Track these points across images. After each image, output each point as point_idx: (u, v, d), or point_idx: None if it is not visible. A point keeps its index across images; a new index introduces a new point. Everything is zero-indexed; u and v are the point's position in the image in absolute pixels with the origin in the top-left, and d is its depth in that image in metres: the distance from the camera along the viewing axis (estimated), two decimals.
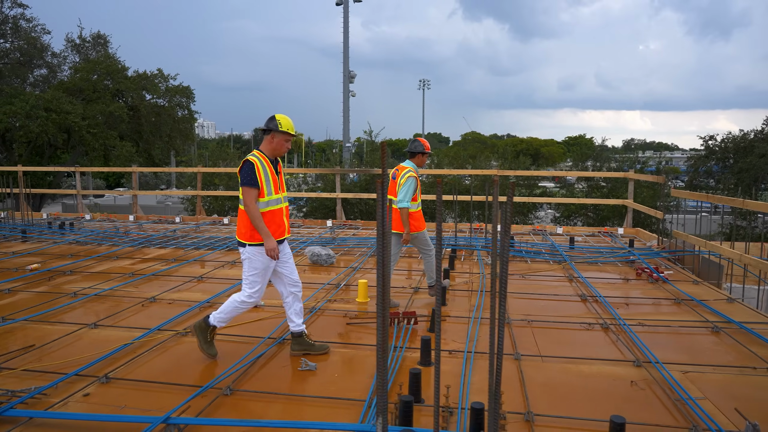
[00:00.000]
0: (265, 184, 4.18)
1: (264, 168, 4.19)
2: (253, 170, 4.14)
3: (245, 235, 4.24)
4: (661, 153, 79.46)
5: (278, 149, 4.32)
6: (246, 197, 4.15)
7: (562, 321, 5.39)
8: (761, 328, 5.13)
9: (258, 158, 4.21)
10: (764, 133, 23.61)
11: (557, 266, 7.88)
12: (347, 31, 39.14)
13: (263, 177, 4.17)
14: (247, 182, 4.14)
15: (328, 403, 3.65)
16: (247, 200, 4.14)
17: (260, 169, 4.17)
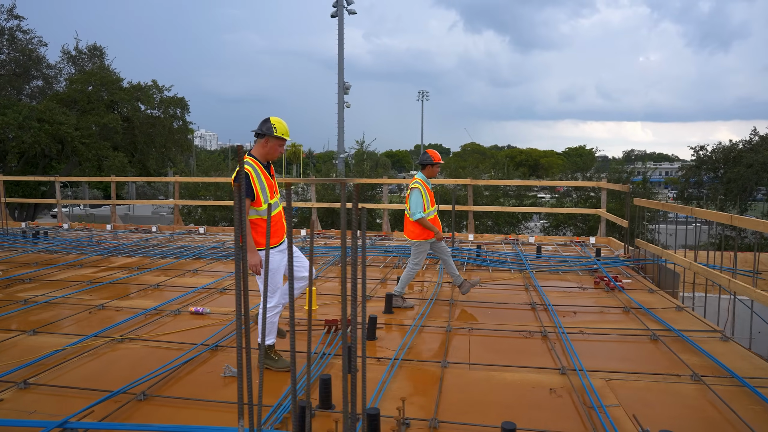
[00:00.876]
0: (261, 192, 4.12)
1: (258, 175, 4.13)
2: (248, 180, 4.08)
3: (251, 240, 4.23)
4: (661, 163, 79.34)
5: (271, 154, 4.26)
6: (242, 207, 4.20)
7: (504, 329, 5.38)
8: (698, 336, 5.10)
9: (252, 166, 4.14)
10: (752, 144, 23.62)
11: (518, 275, 7.87)
12: (342, 43, 39.42)
13: (258, 185, 4.11)
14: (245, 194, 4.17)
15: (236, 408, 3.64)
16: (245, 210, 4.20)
17: (255, 177, 4.10)
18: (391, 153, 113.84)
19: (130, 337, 5.07)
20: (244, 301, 2.45)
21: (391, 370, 4.26)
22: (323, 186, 22.45)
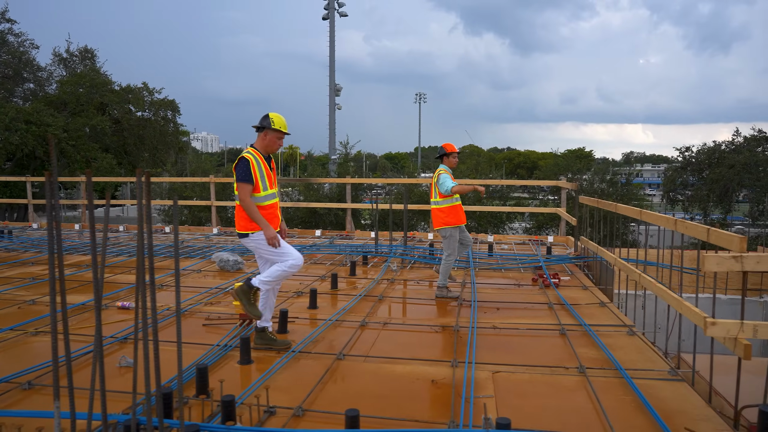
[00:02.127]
0: (260, 179, 4.38)
1: (258, 164, 4.39)
2: (249, 167, 4.34)
3: (246, 227, 4.44)
4: (660, 165, 78.99)
5: (271, 146, 4.51)
6: (241, 192, 4.34)
7: (419, 324, 5.43)
8: (606, 330, 5.15)
9: (253, 155, 4.41)
10: (734, 145, 23.58)
11: (461, 272, 7.92)
12: (333, 46, 39.56)
13: (258, 173, 4.37)
14: (241, 178, 4.33)
15: (117, 397, 3.71)
16: (242, 195, 4.34)
17: (255, 165, 4.36)
18: (390, 155, 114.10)
19: (46, 330, 5.14)
20: (144, 294, 2.51)
21: (283, 361, 4.33)
22: (306, 187, 22.54)
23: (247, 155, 4.39)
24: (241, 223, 4.47)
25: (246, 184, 4.33)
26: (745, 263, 3.11)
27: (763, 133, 24.53)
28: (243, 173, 4.33)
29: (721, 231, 3.56)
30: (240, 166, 4.35)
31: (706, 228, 3.79)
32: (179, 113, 33.15)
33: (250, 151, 4.44)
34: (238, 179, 4.33)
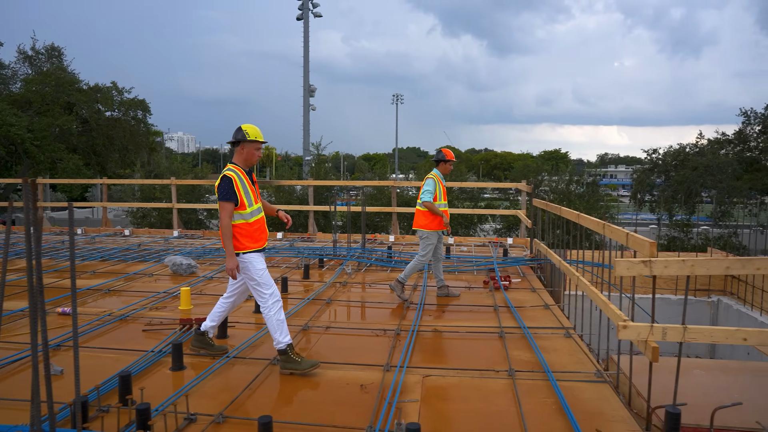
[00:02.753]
0: (244, 196, 4.25)
1: (242, 180, 4.26)
2: (232, 185, 4.19)
3: (236, 246, 4.28)
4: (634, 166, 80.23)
5: (250, 159, 4.37)
6: (222, 212, 4.20)
7: (362, 328, 5.44)
8: (544, 333, 5.22)
9: (235, 172, 4.26)
10: (698, 147, 24.12)
11: (414, 275, 7.95)
12: (307, 46, 39.40)
13: (242, 190, 4.24)
14: (224, 197, 4.19)
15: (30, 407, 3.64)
16: (223, 215, 4.19)
17: (238, 182, 4.22)
18: (368, 156, 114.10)
19: None
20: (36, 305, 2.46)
21: (215, 367, 4.30)
22: (277, 189, 22.41)
23: (229, 173, 4.23)
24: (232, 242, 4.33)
25: (228, 203, 4.18)
26: (653, 268, 3.18)
27: (726, 135, 25.17)
28: (225, 192, 4.17)
29: (637, 236, 3.64)
30: (222, 185, 4.19)
31: (625, 233, 3.87)
32: (150, 113, 32.73)
33: (231, 168, 4.28)
34: (220, 198, 4.17)
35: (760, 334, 3.18)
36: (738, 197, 21.65)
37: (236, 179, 4.22)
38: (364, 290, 7.17)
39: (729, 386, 4.23)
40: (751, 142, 24.19)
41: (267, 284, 4.31)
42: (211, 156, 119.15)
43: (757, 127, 24.11)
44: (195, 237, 11.83)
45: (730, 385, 4.25)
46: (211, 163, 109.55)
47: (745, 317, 7.95)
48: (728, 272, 3.15)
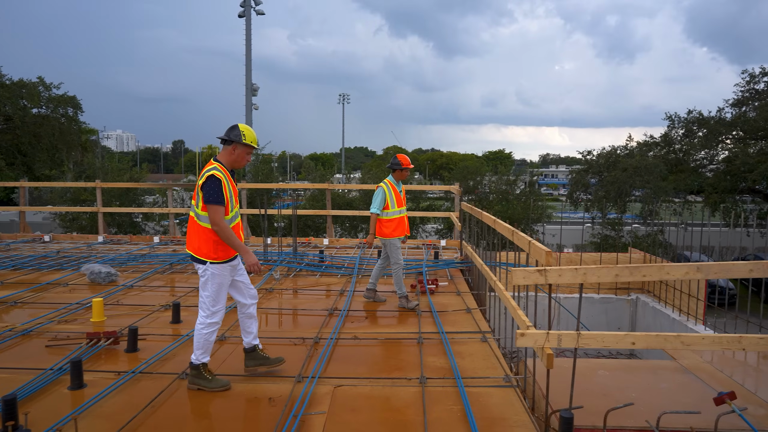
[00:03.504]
0: (230, 199, 3.99)
1: (228, 183, 3.99)
2: (221, 187, 3.91)
3: (207, 253, 3.98)
4: (574, 166, 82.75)
5: (238, 162, 4.12)
6: (215, 216, 3.89)
7: (281, 337, 5.35)
8: (461, 338, 5.29)
9: (222, 173, 3.98)
10: (628, 149, 25.24)
11: (343, 280, 7.92)
12: (249, 44, 38.66)
13: (228, 193, 3.98)
14: (215, 200, 3.89)
15: None
16: (217, 218, 3.89)
17: (226, 184, 3.95)
18: (316, 156, 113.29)
19: None
20: None
21: (118, 384, 4.12)
22: None
23: (217, 174, 3.94)
24: (201, 248, 4.00)
25: (219, 205, 3.90)
26: (548, 276, 3.27)
27: (653, 138, 26.45)
28: (215, 194, 3.89)
29: (538, 245, 3.73)
30: (210, 185, 3.90)
31: (528, 241, 3.96)
32: (81, 110, 31.26)
33: (218, 168, 4.00)
34: (209, 200, 3.88)
35: (646, 338, 3.32)
36: (664, 197, 22.78)
37: (224, 181, 3.97)
38: (290, 297, 7.07)
39: (628, 386, 4.41)
40: (675, 144, 25.51)
41: (217, 303, 4.11)
42: (152, 155, 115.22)
43: (681, 131, 25.46)
44: (121, 242, 11.36)
45: (629, 385, 4.43)
46: (151, 163, 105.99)
47: (660, 314, 8.35)
48: (618, 279, 3.27)
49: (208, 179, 3.91)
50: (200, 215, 4.00)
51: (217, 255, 4.01)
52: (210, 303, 4.08)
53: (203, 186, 3.92)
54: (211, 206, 3.90)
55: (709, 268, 3.25)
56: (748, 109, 24.86)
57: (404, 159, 6.65)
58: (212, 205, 3.90)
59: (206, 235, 3.98)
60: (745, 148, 23.51)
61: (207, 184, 3.91)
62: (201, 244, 4.00)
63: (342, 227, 23.68)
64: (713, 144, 24.56)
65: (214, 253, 4.00)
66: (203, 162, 77.24)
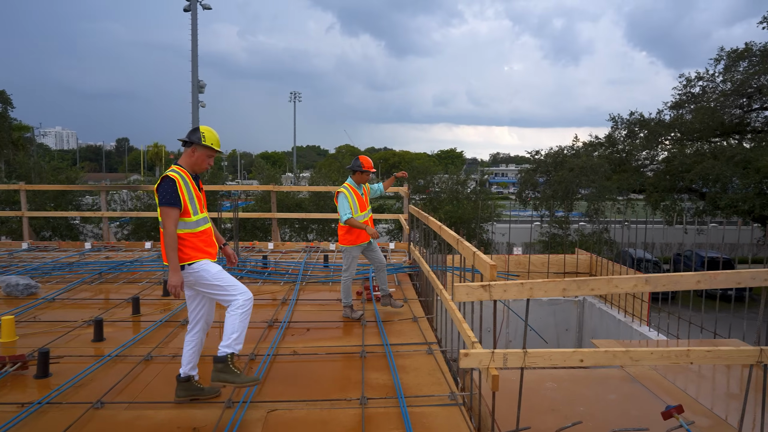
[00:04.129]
0: (189, 202, 3.73)
1: (187, 184, 3.75)
2: (175, 187, 3.66)
3: (186, 256, 3.72)
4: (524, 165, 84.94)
5: (199, 164, 3.89)
6: (166, 219, 3.62)
7: (206, 354, 4.95)
8: (406, 350, 5.05)
9: (180, 174, 3.75)
10: (574, 149, 25.81)
11: (286, 287, 7.56)
12: (195, 39, 37.35)
13: (186, 195, 3.72)
14: (167, 201, 3.62)
15: None
16: (167, 222, 3.62)
17: (182, 185, 3.71)
18: (267, 154, 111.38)
19: None
20: None
21: (21, 416, 3.65)
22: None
23: (172, 174, 3.72)
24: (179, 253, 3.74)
25: (171, 208, 3.63)
26: (492, 292, 3.05)
27: (598, 139, 27.15)
28: (167, 195, 3.63)
29: (482, 256, 3.52)
30: (163, 186, 3.66)
31: (473, 251, 3.75)
32: (12, 105, 29.50)
33: (175, 170, 3.78)
34: (161, 203, 3.63)
35: (594, 354, 3.16)
36: (608, 196, 23.39)
37: (180, 182, 3.72)
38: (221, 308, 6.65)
39: (576, 398, 4.28)
40: (619, 145, 26.26)
41: (231, 284, 3.83)
42: (94, 153, 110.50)
43: (624, 132, 26.23)
44: (48, 249, 10.57)
45: (577, 398, 4.30)
46: (93, 161, 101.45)
47: (606, 316, 8.39)
48: (565, 294, 3.09)
49: (162, 181, 3.71)
50: (162, 222, 3.70)
51: (192, 255, 3.75)
52: (227, 290, 3.82)
53: (157, 189, 3.70)
54: (163, 208, 3.65)
55: (657, 281, 3.12)
56: (684, 112, 25.87)
57: (366, 161, 6.27)
58: (164, 207, 3.65)
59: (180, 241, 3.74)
60: (682, 149, 24.45)
61: (161, 185, 3.70)
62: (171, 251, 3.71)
63: (291, 228, 23.17)
64: (653, 145, 25.42)
65: (187, 255, 3.74)
66: (148, 161, 74.62)
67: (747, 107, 24.73)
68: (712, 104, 24.10)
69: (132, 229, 21.75)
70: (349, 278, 6.14)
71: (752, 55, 23.88)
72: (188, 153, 3.90)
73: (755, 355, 3.22)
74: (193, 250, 3.77)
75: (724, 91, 24.17)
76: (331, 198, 22.80)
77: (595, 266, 9.25)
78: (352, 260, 6.14)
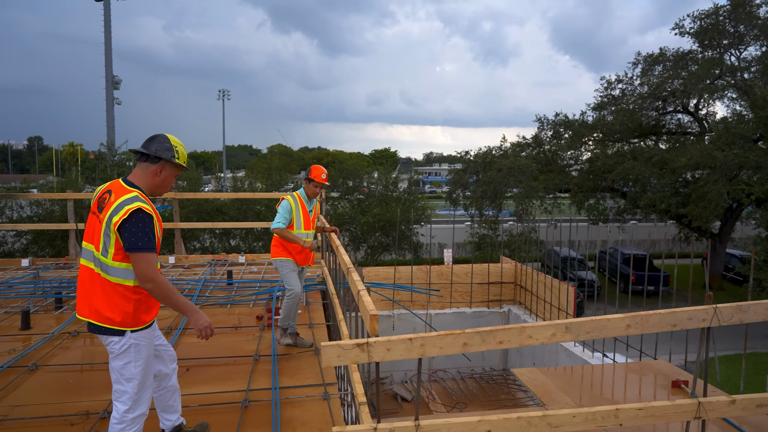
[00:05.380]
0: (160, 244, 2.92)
1: (157, 221, 2.90)
2: (152, 226, 2.81)
3: (124, 319, 2.82)
4: (456, 165, 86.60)
5: (162, 187, 3.04)
6: (148, 269, 2.74)
7: (49, 415, 3.97)
8: (298, 397, 4.26)
9: (150, 207, 2.83)
10: (502, 150, 25.91)
11: (175, 312, 6.57)
12: (109, 31, 35.02)
13: (159, 234, 2.90)
14: (145, 245, 2.74)
15: None
16: (150, 272, 2.75)
17: (156, 223, 2.86)
18: (196, 154, 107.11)
19: None
20: None
21: None
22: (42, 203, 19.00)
23: (145, 208, 2.80)
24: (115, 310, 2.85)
25: (151, 253, 2.77)
26: (372, 353, 2.32)
27: (525, 139, 27.39)
28: (146, 238, 2.76)
29: (366, 302, 2.77)
30: (137, 225, 2.75)
31: (358, 290, 3.01)
32: None
33: (140, 198, 2.83)
34: (136, 247, 2.74)
35: (505, 422, 2.50)
36: (535, 196, 23.56)
37: (155, 218, 2.87)
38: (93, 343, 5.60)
39: None
40: (545, 145, 26.59)
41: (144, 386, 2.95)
42: (2, 153, 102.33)
43: (549, 132, 26.59)
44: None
45: None
46: (2, 162, 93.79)
47: None
48: (466, 349, 2.41)
49: (133, 215, 2.76)
50: (111, 267, 2.81)
51: (138, 319, 2.90)
52: (135, 389, 2.90)
53: (124, 225, 2.75)
54: (141, 255, 2.75)
55: (579, 328, 2.49)
56: (606, 113, 26.52)
57: (317, 171, 5.29)
58: (142, 253, 2.76)
59: (123, 294, 2.85)
60: (604, 150, 25.02)
61: (131, 222, 2.75)
62: (114, 307, 2.83)
63: (213, 234, 21.80)
64: (577, 145, 25.89)
65: (134, 317, 2.87)
66: (62, 162, 69.77)
67: (662, 110, 25.65)
68: (631, 106, 24.80)
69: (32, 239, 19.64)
70: (295, 298, 5.16)
71: (666, 60, 24.79)
72: (152, 171, 2.98)
73: (692, 410, 2.67)
74: (144, 306, 2.93)
75: (641, 94, 24.92)
76: (254, 203, 21.61)
77: (520, 275, 8.82)
78: (289, 273, 5.17)
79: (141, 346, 2.91)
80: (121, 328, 2.84)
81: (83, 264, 2.92)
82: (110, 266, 2.81)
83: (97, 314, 2.84)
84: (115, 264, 2.80)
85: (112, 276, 2.83)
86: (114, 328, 2.84)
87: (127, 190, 2.86)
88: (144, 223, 2.78)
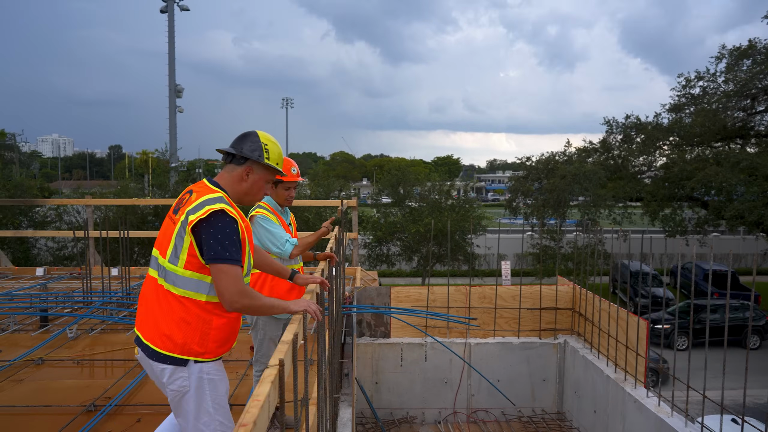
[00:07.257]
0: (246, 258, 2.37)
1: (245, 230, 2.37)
2: (238, 234, 2.27)
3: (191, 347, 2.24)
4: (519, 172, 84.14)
5: (251, 195, 2.51)
6: (233, 285, 2.18)
7: None
8: None
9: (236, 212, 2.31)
10: (566, 155, 24.06)
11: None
12: (173, 41, 35.93)
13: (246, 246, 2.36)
14: (230, 256, 2.20)
15: None
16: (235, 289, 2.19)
17: (244, 231, 2.34)
18: None
19: None
20: None
21: None
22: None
23: (230, 211, 2.26)
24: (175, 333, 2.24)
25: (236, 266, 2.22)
26: None
27: (592, 144, 25.34)
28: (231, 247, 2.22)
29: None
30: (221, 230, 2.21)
31: None
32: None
33: (226, 200, 2.31)
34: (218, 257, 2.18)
35: None
36: (603, 205, 21.63)
37: (241, 226, 2.32)
38: (61, 371, 4.79)
39: None
40: (614, 150, 24.49)
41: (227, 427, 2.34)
42: (86, 161, 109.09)
43: (619, 137, 24.45)
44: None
45: None
46: (83, 169, 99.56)
47: (591, 367, 6.54)
48: None
49: (214, 216, 2.21)
50: (180, 277, 2.23)
51: (208, 348, 2.28)
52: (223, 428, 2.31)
53: (203, 226, 2.21)
54: (223, 266, 2.19)
55: None
56: (684, 115, 24.07)
57: (286, 165, 3.71)
58: (225, 265, 2.19)
59: (192, 315, 2.24)
60: (682, 155, 22.64)
61: (212, 224, 2.21)
62: (179, 330, 2.23)
63: None
64: (651, 150, 23.64)
65: (203, 345, 2.26)
66: (136, 169, 72.84)
67: (751, 109, 22.95)
68: (714, 106, 22.32)
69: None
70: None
71: (756, 53, 22.09)
72: (238, 175, 2.45)
73: None
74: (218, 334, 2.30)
75: (726, 92, 22.35)
76: (303, 211, 20.89)
77: (579, 300, 7.40)
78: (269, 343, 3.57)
79: (215, 380, 2.28)
80: (184, 356, 2.22)
81: (148, 274, 2.36)
82: (179, 275, 2.22)
83: (158, 337, 2.22)
84: (187, 273, 2.22)
85: (180, 288, 2.23)
86: (175, 355, 2.21)
87: (212, 189, 2.34)
88: (230, 230, 2.22)
